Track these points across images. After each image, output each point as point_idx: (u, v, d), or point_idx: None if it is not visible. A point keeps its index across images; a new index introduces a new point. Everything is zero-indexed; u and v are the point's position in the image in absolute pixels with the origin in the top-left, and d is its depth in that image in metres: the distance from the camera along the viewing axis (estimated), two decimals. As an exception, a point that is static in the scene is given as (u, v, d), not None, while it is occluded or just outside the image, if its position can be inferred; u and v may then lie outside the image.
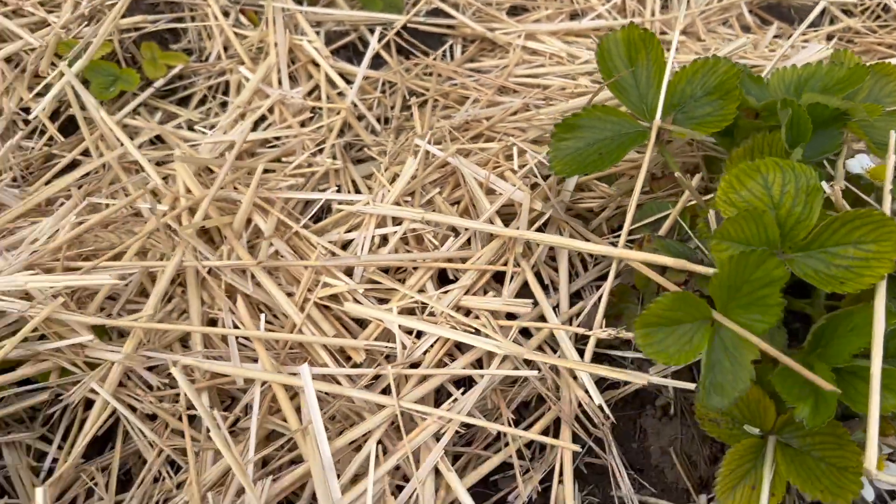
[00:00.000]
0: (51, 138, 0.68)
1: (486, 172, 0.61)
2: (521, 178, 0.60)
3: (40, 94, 0.70)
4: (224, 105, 0.74)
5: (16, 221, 0.60)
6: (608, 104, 0.56)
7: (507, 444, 0.53)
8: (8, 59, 0.71)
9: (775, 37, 0.83)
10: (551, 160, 0.56)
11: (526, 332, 0.55)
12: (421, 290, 0.56)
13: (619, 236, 0.57)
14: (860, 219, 0.45)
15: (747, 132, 0.56)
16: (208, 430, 0.52)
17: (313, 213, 0.62)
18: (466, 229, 0.59)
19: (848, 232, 0.45)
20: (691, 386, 0.49)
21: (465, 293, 0.56)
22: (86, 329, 0.53)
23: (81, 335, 0.52)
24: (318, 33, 0.77)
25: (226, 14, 0.78)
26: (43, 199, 0.62)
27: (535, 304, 0.55)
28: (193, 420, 0.53)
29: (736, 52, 0.70)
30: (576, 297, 0.59)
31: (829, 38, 0.83)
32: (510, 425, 0.52)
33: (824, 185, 0.47)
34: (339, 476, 0.47)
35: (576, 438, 0.52)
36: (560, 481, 0.52)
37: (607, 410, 0.51)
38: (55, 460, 0.54)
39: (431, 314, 0.55)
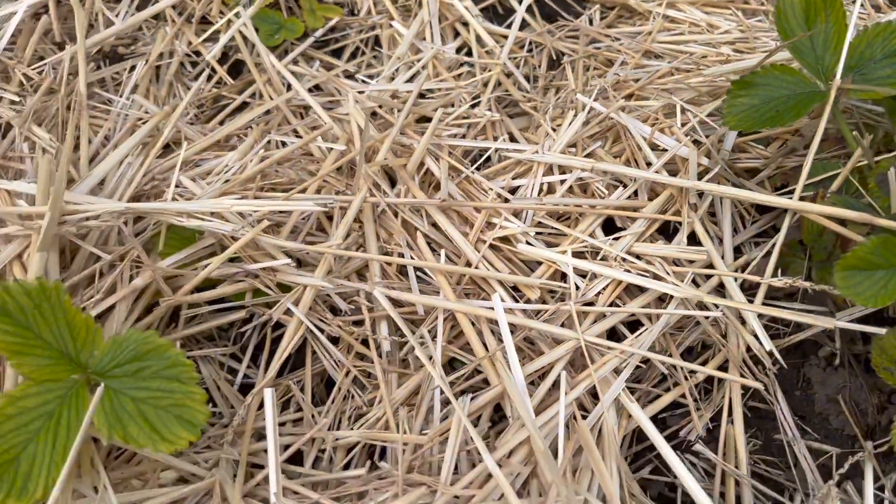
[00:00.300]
0: (219, 81, 0.71)
1: (650, 128, 0.63)
2: (685, 135, 0.62)
3: (207, 40, 0.73)
4: (376, 58, 0.77)
5: (200, 154, 0.63)
6: (782, 64, 0.58)
7: (675, 385, 0.56)
8: (174, 6, 0.74)
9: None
10: (725, 115, 0.58)
11: (694, 281, 0.57)
12: (592, 235, 0.59)
13: (785, 194, 0.59)
14: None
15: (921, 97, 0.57)
16: (388, 355, 0.55)
17: (480, 161, 0.65)
18: (633, 181, 0.61)
19: None
20: (872, 330, 0.50)
21: (637, 241, 0.58)
22: (281, 254, 0.56)
23: (278, 259, 0.55)
24: (463, -7, 0.80)
25: (375, -29, 0.80)
26: (223, 135, 0.65)
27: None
28: (367, 345, 0.56)
29: None
30: (736, 252, 0.60)
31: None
32: (681, 368, 0.55)
33: None
34: (529, 400, 0.50)
35: (742, 386, 0.55)
36: (729, 420, 0.54)
37: (777, 355, 0.53)
38: (245, 376, 0.57)
39: (602, 258, 0.57)
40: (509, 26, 0.79)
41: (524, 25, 0.79)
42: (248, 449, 0.49)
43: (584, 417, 0.51)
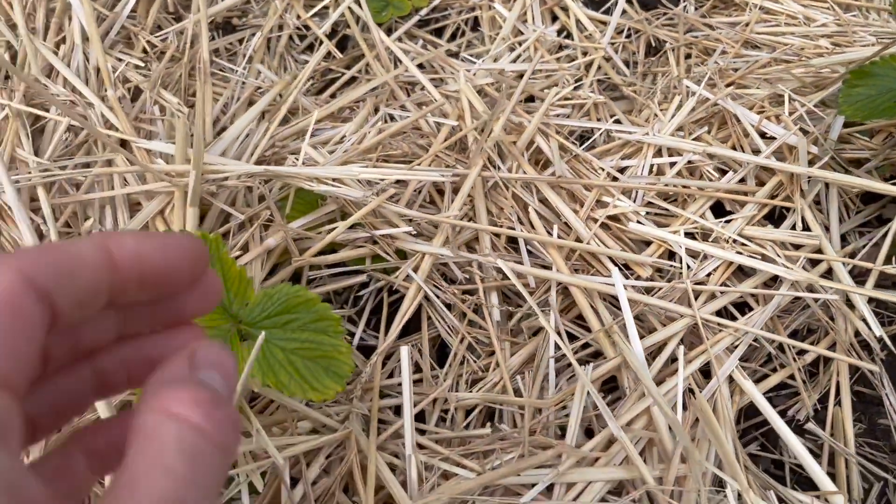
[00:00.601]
0: (327, 54, 0.73)
1: (758, 116, 0.64)
2: (792, 124, 0.63)
3: (315, 15, 0.75)
4: (477, 38, 0.78)
5: (317, 124, 0.65)
6: (899, 56, 0.59)
7: (781, 366, 0.57)
8: (286, -20, 0.76)
9: None
10: (841, 104, 0.59)
11: (804, 265, 0.58)
12: (702, 216, 0.60)
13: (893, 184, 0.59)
14: None
15: None
16: (498, 324, 0.57)
17: (587, 142, 0.66)
18: (741, 166, 0.62)
19: None
20: None
21: (748, 224, 0.59)
22: (402, 222, 0.58)
23: (399, 226, 0.57)
24: (561, -21, 0.81)
25: (475, -46, 0.82)
26: (337, 107, 0.67)
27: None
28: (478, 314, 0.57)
29: None
30: (841, 240, 0.61)
31: None
32: (790, 348, 0.56)
33: None
34: (647, 371, 0.51)
35: (850, 369, 0.56)
36: (837, 402, 0.55)
37: (887, 340, 0.54)
38: (361, 338, 0.59)
39: (713, 240, 0.59)
40: (604, 12, 0.80)
41: (621, 12, 0.80)
42: (382, 404, 0.51)
43: (698, 392, 0.52)
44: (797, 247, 0.59)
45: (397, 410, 0.54)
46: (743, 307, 0.59)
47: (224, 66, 0.71)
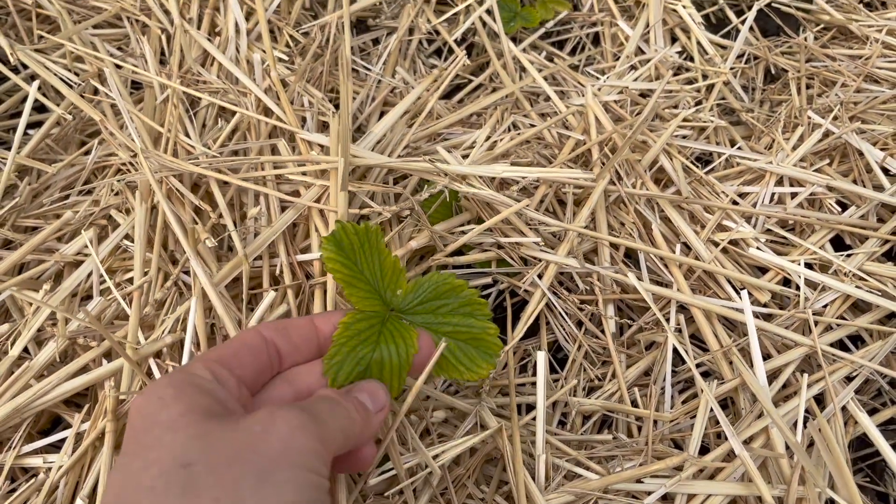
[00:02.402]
0: (456, 59, 0.76)
1: (882, 153, 0.65)
2: (918, 164, 0.64)
3: (445, 20, 0.78)
4: (600, 53, 0.80)
5: (449, 128, 0.69)
6: None
7: (892, 402, 0.58)
8: (419, -15, 0.79)
9: None
10: (974, 150, 0.59)
11: (920, 305, 0.59)
12: (822, 248, 0.61)
13: None
14: None
15: None
16: (614, 335, 0.59)
17: (709, 166, 0.68)
18: (863, 201, 0.63)
19: None
20: None
21: (868, 259, 0.60)
22: (529, 230, 0.60)
23: (528, 235, 0.60)
24: None
25: (599, -30, 0.84)
26: (468, 112, 0.70)
27: (934, 280, 0.59)
28: (592, 323, 0.60)
29: None
30: (959, 282, 0.62)
31: None
32: (903, 384, 0.57)
33: None
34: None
35: (962, 408, 0.57)
36: (947, 443, 0.56)
37: None
38: (482, 336, 0.62)
39: (833, 272, 0.60)
40: (726, 36, 0.81)
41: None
42: (501, 402, 0.54)
43: (811, 420, 0.54)
44: (917, 286, 0.60)
45: (519, 409, 0.57)
46: (856, 340, 0.61)
47: (359, 63, 0.74)
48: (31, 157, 0.62)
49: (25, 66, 0.69)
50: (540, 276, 0.60)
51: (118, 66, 0.68)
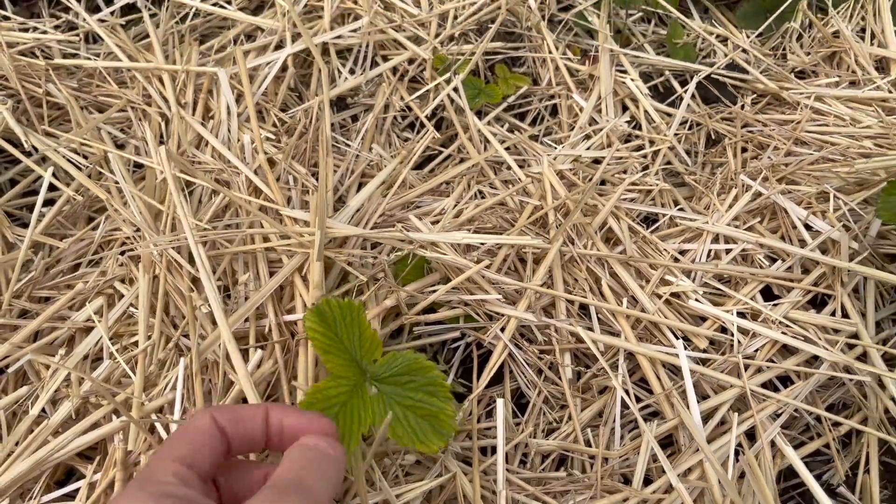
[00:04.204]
0: (427, 132, 0.85)
1: (805, 212, 0.73)
2: (836, 220, 0.72)
3: (417, 98, 0.87)
4: (556, 124, 0.89)
5: (421, 196, 0.76)
6: (933, 170, 0.68)
7: (818, 435, 0.65)
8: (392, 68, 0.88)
9: None
10: (880, 209, 0.67)
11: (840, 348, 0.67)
12: (753, 299, 0.69)
13: (926, 280, 0.68)
14: None
15: None
16: (570, 382, 0.66)
17: (653, 226, 0.76)
18: (789, 256, 0.71)
19: None
20: None
21: (793, 308, 0.68)
22: (492, 288, 0.68)
23: (489, 293, 0.67)
24: (633, 71, 0.92)
25: (556, 47, 0.93)
26: (437, 182, 0.78)
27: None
28: (552, 370, 0.67)
29: None
30: (877, 327, 0.70)
31: None
32: (826, 420, 0.64)
33: None
34: (701, 432, 0.60)
35: (878, 441, 0.64)
36: (866, 470, 0.63)
37: (913, 420, 0.63)
38: (451, 386, 0.69)
39: (762, 320, 0.68)
40: (671, 104, 0.90)
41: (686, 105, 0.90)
42: (468, 445, 0.60)
43: (746, 450, 0.61)
44: (836, 331, 0.67)
45: (483, 451, 0.63)
46: (786, 381, 0.68)
47: (339, 139, 0.82)
48: (43, 233, 0.70)
49: (36, 150, 0.76)
50: (502, 330, 0.67)
51: (121, 147, 0.76)
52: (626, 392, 0.63)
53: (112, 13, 0.90)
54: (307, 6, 0.94)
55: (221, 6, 0.94)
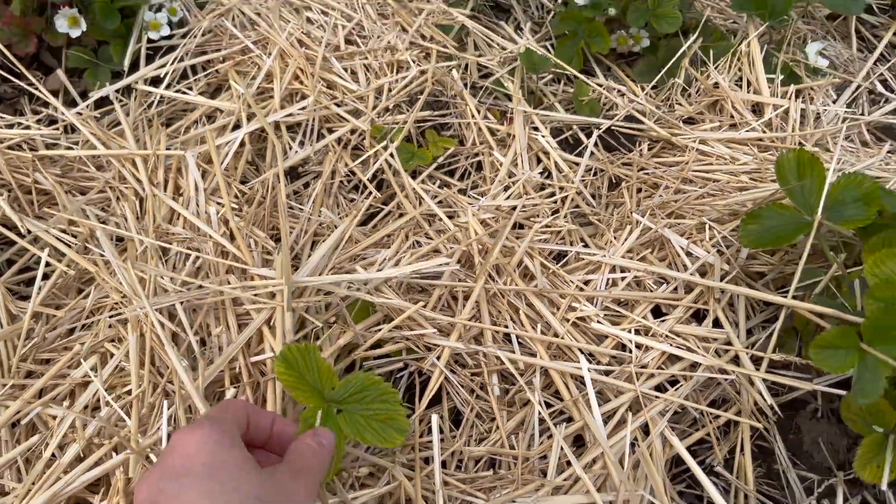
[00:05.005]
0: (369, 193, 0.98)
1: (686, 241, 0.88)
2: (712, 247, 0.87)
3: (360, 163, 1.00)
4: (481, 178, 1.03)
5: (366, 249, 0.90)
6: (780, 202, 0.83)
7: (703, 427, 0.79)
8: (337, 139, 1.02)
9: (889, 152, 1.09)
10: (741, 237, 0.82)
11: (716, 353, 0.81)
12: (644, 318, 0.83)
13: (783, 293, 0.82)
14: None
15: (878, 229, 0.81)
16: (498, 398, 0.79)
17: (562, 261, 0.90)
18: (674, 279, 0.86)
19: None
20: (841, 392, 0.74)
21: (677, 323, 0.82)
22: (428, 324, 0.81)
23: (427, 328, 0.80)
24: (545, 127, 1.07)
25: (478, 111, 1.08)
26: (379, 236, 0.91)
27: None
28: (484, 390, 0.80)
29: (865, 168, 0.96)
30: (748, 333, 0.84)
31: (932, 156, 1.08)
32: (708, 414, 0.78)
33: (937, 268, 0.72)
34: (603, 430, 0.74)
35: (751, 428, 0.78)
36: (741, 453, 0.77)
37: (776, 408, 0.77)
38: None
39: (652, 335, 0.82)
40: (579, 154, 1.05)
41: (590, 154, 1.05)
42: (412, 456, 0.73)
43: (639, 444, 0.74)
44: (714, 339, 0.81)
45: (426, 461, 0.75)
46: (675, 383, 0.81)
47: (294, 205, 0.95)
48: (42, 304, 0.81)
49: (30, 231, 0.88)
50: (438, 358, 0.80)
51: (103, 224, 0.88)
52: (542, 403, 0.76)
53: (87, 106, 1.03)
54: (259, 88, 1.07)
55: (184, 92, 1.07)
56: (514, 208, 0.96)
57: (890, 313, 0.69)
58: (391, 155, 1.00)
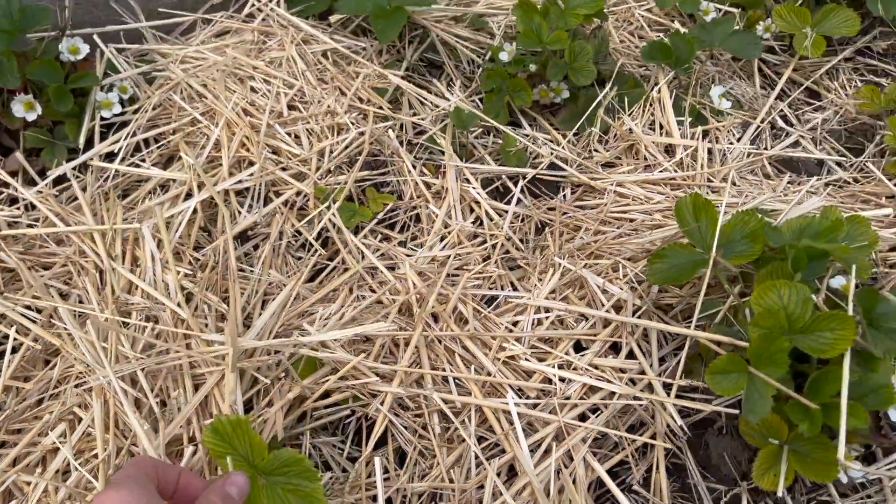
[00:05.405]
0: (315, 251, 1.06)
1: (602, 280, 0.97)
2: (625, 284, 0.96)
3: (306, 223, 1.08)
4: (419, 230, 1.12)
5: (313, 305, 0.98)
6: (681, 241, 0.93)
7: (623, 448, 0.88)
8: (285, 202, 1.10)
9: (788, 183, 1.20)
10: (649, 275, 0.92)
11: (632, 381, 0.90)
12: (567, 353, 0.92)
13: (689, 323, 0.92)
14: (833, 317, 0.80)
15: (768, 261, 0.91)
16: (439, 436, 0.87)
17: (493, 305, 0.99)
18: (593, 316, 0.95)
19: (827, 323, 0.80)
20: (736, 411, 0.83)
21: (595, 356, 0.91)
22: (371, 372, 0.89)
23: (370, 377, 0.88)
24: (475, 179, 1.16)
25: (414, 167, 1.17)
26: (325, 292, 0.99)
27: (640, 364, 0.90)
28: (426, 429, 0.88)
29: (762, 202, 1.07)
30: (661, 361, 0.93)
31: (827, 185, 1.20)
32: (626, 438, 0.87)
33: (813, 296, 0.82)
34: (531, 460, 0.82)
35: (665, 447, 0.87)
36: (657, 471, 0.86)
37: (686, 429, 0.86)
38: (349, 452, 0.89)
39: (574, 368, 0.90)
40: (508, 202, 1.14)
41: (518, 202, 1.15)
42: (360, 496, 0.80)
43: (565, 468, 0.83)
44: (629, 369, 0.90)
45: (373, 499, 0.83)
46: (596, 410, 0.90)
47: (245, 267, 1.03)
48: (11, 378, 0.87)
49: (-4, 308, 0.94)
50: (382, 403, 0.88)
51: (66, 297, 0.95)
52: (476, 439, 0.85)
53: (46, 184, 1.10)
54: (209, 156, 1.15)
55: (137, 165, 1.15)
56: (449, 257, 1.04)
57: (770, 339, 0.79)
58: (334, 214, 1.08)
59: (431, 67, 1.40)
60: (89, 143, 1.16)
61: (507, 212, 1.12)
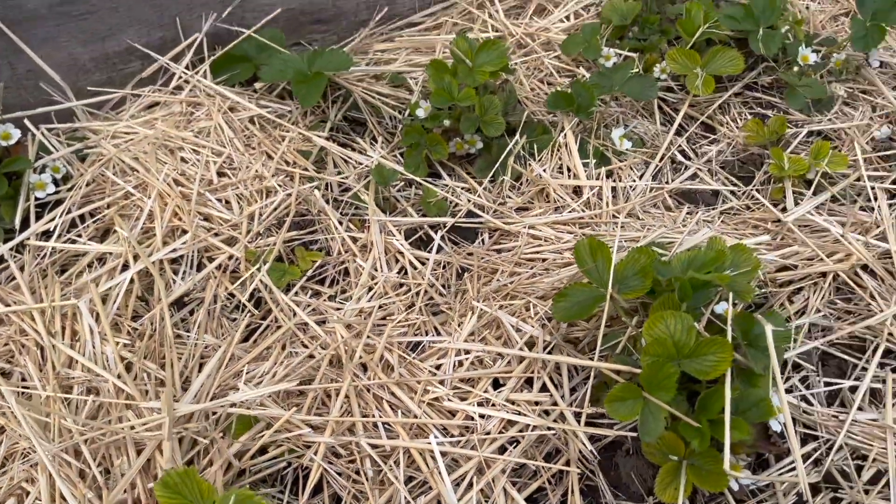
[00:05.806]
0: (247, 311, 1.13)
1: (516, 319, 1.06)
2: (537, 321, 1.05)
3: (238, 285, 1.15)
4: (348, 284, 1.19)
5: (248, 364, 1.04)
6: (581, 280, 1.02)
7: (540, 476, 0.96)
8: (218, 266, 1.16)
9: (687, 213, 1.31)
10: (554, 312, 1.00)
11: (546, 412, 0.98)
12: (486, 391, 1.00)
13: (593, 354, 1.01)
14: (713, 342, 0.89)
15: (662, 292, 1.01)
16: (371, 479, 0.94)
17: (418, 350, 1.07)
18: (509, 355, 1.03)
19: (709, 348, 0.89)
20: (635, 434, 0.92)
21: (511, 392, 0.99)
22: (304, 425, 0.95)
23: (302, 429, 0.95)
24: (398, 231, 1.24)
25: (340, 223, 1.24)
26: (259, 351, 1.05)
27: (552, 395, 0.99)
28: (359, 474, 0.94)
29: (658, 236, 1.17)
30: (572, 391, 1.02)
31: (721, 213, 1.31)
32: (543, 466, 0.95)
33: (696, 324, 0.92)
34: (455, 494, 0.89)
35: (579, 471, 0.95)
36: (572, 494, 0.94)
37: (595, 454, 0.94)
38: (288, 501, 0.95)
39: (493, 405, 0.98)
40: (429, 250, 1.22)
41: (439, 249, 1.23)
42: (300, 541, 0.87)
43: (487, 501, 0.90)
44: (543, 402, 0.99)
45: (313, 543, 0.89)
46: (514, 442, 0.98)
47: (182, 333, 1.09)
48: (-43, 458, 0.92)
49: (-60, 392, 0.98)
50: (315, 453, 0.94)
51: (8, 375, 1.00)
52: (404, 479, 0.91)
53: (-16, 266, 1.15)
54: (143, 227, 1.21)
55: (73, 241, 1.20)
56: (375, 307, 1.12)
57: (658, 366, 0.88)
58: (265, 275, 1.15)
59: (355, 125, 1.49)
60: (25, 223, 1.20)
61: (428, 260, 1.20)
